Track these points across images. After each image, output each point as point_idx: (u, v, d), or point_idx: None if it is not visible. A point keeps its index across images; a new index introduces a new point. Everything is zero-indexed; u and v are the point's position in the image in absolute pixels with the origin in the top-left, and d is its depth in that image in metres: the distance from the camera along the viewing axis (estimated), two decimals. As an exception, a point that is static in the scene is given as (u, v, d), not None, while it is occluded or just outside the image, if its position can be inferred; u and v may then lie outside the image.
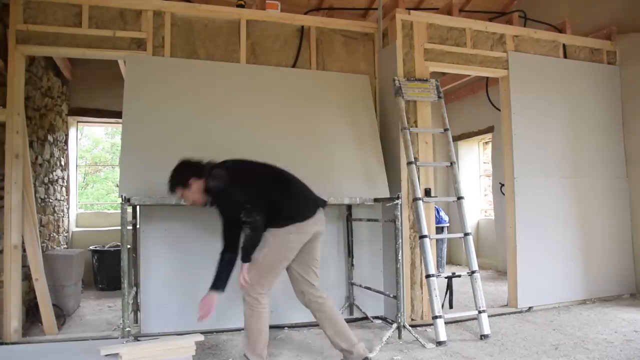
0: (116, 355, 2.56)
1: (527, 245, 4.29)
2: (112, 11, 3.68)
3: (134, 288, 3.61)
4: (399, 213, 3.45)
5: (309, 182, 2.99)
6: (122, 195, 3.03)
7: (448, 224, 6.26)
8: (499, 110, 4.64)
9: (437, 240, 5.68)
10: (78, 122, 6.59)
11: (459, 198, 3.80)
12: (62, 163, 5.70)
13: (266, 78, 3.94)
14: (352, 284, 3.98)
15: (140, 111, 3.53)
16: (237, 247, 2.83)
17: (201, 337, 2.88)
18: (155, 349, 2.70)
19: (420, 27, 4.11)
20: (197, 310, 2.84)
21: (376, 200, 3.74)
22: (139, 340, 3.05)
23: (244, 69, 3.93)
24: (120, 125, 3.61)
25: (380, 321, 3.94)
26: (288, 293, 3.88)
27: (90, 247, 5.71)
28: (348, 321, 3.88)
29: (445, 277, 3.60)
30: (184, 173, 2.78)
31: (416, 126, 3.98)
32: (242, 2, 4.04)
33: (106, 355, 2.56)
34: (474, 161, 7.53)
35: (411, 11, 4.12)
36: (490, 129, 6.63)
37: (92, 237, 6.11)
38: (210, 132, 3.64)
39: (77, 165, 6.68)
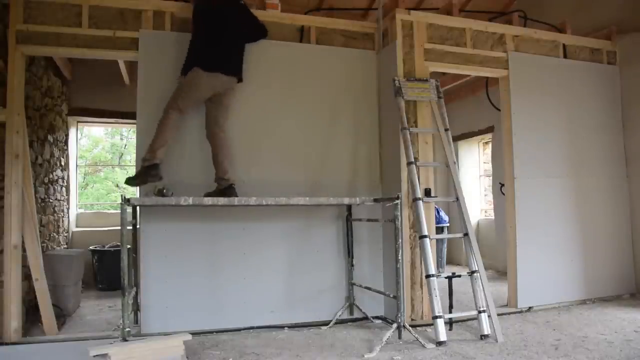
0: (105, 355, 2.57)
1: (527, 245, 4.29)
2: (112, 11, 3.68)
3: (134, 288, 3.61)
4: (398, 213, 3.45)
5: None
6: (122, 196, 3.04)
7: (448, 224, 6.26)
8: (499, 110, 4.64)
9: (437, 240, 5.68)
10: (78, 122, 6.59)
11: (459, 198, 3.80)
12: (62, 163, 5.70)
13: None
14: (352, 284, 3.98)
15: (154, 94, 3.59)
16: None
17: (189, 337, 2.90)
18: (144, 348, 2.73)
19: (420, 27, 4.11)
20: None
21: (376, 200, 3.74)
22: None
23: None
24: (120, 125, 3.66)
25: (380, 321, 3.94)
26: (288, 293, 3.90)
27: (90, 247, 5.71)
28: (348, 321, 3.91)
29: (445, 277, 3.60)
30: None
31: (416, 126, 3.98)
32: (242, 2, 4.03)
33: (95, 356, 2.57)
34: (474, 161, 7.53)
35: (411, 11, 4.12)
36: (490, 129, 6.63)
37: (92, 237, 6.11)
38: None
39: (77, 165, 6.68)
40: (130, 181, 3.41)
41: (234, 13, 3.64)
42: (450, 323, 3.59)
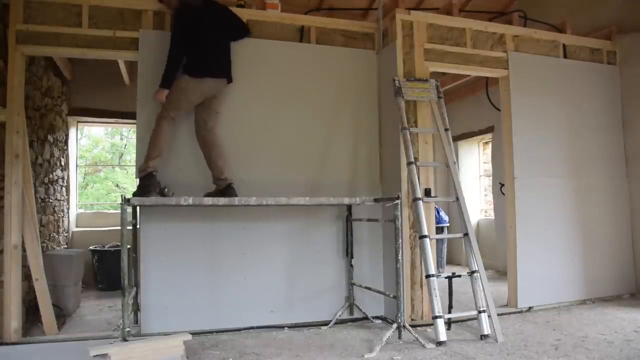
0: (105, 355, 2.57)
1: (527, 245, 4.29)
2: (112, 11, 3.68)
3: (134, 288, 3.61)
4: (399, 213, 3.45)
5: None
6: (122, 196, 3.04)
7: (448, 224, 6.26)
8: (499, 110, 4.64)
9: (437, 240, 5.68)
10: (78, 122, 6.59)
11: (459, 198, 3.80)
12: (62, 163, 5.70)
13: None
14: (352, 284, 3.98)
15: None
16: None
17: (189, 337, 2.90)
18: (144, 348, 2.73)
19: (420, 27, 4.11)
20: None
21: (376, 200, 3.74)
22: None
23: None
24: (120, 125, 3.67)
25: (380, 321, 3.94)
26: (288, 293, 3.90)
27: (90, 247, 5.71)
28: (348, 321, 3.91)
29: (445, 277, 3.60)
30: None
31: (416, 126, 3.99)
32: (242, 2, 4.04)
33: (95, 356, 2.57)
34: (474, 161, 7.53)
35: (411, 11, 4.12)
36: (490, 129, 6.63)
37: (92, 237, 6.11)
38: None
39: (77, 165, 6.69)
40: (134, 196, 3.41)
41: (214, 15, 3.62)
42: (448, 323, 3.59)
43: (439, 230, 5.84)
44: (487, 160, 7.39)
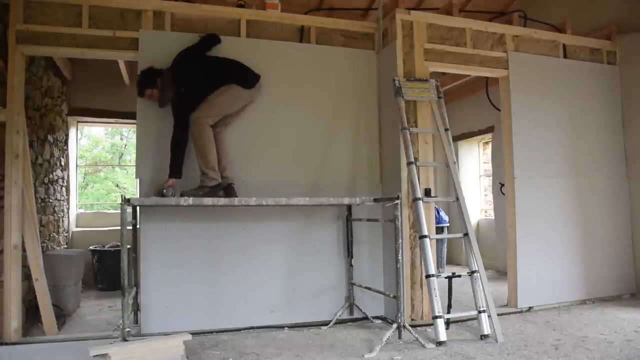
0: (105, 355, 2.57)
1: (527, 245, 4.29)
2: (112, 11, 3.68)
3: (134, 288, 3.61)
4: (399, 213, 3.45)
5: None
6: (122, 196, 3.04)
7: (448, 224, 6.26)
8: (499, 110, 4.64)
9: (437, 240, 5.68)
10: (78, 122, 6.59)
11: (459, 198, 3.80)
12: (62, 163, 5.70)
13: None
14: (352, 284, 3.98)
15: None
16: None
17: (189, 337, 2.90)
18: (144, 348, 2.73)
19: (420, 27, 4.11)
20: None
21: (376, 200, 3.74)
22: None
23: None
24: (120, 125, 3.68)
25: (380, 321, 3.94)
26: (288, 293, 3.90)
27: (90, 247, 5.71)
28: (348, 321, 3.91)
29: (445, 277, 3.60)
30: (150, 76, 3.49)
31: (416, 126, 3.99)
32: (242, 2, 4.04)
33: (95, 356, 2.57)
34: (474, 161, 7.53)
35: (411, 11, 4.12)
36: (490, 129, 6.63)
37: (92, 237, 6.11)
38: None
39: (77, 165, 6.69)
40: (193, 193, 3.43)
41: (191, 53, 3.64)
42: (447, 322, 3.59)
43: (439, 230, 5.84)
44: (487, 160, 7.39)
